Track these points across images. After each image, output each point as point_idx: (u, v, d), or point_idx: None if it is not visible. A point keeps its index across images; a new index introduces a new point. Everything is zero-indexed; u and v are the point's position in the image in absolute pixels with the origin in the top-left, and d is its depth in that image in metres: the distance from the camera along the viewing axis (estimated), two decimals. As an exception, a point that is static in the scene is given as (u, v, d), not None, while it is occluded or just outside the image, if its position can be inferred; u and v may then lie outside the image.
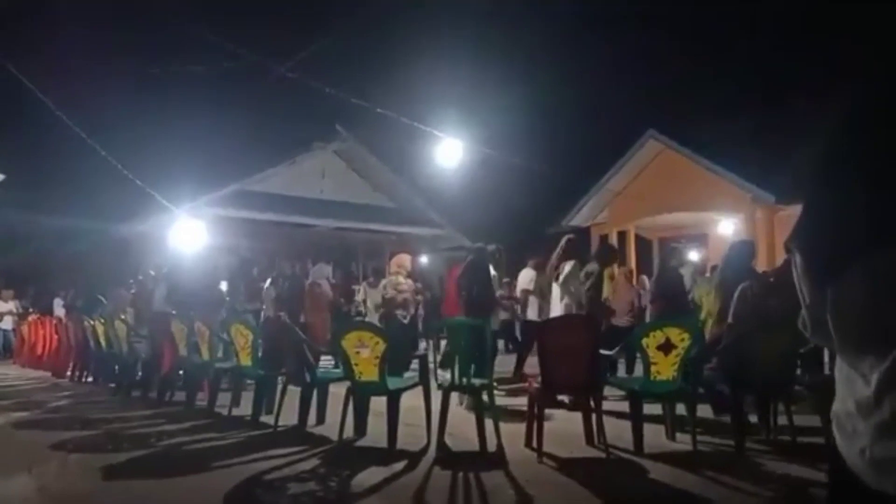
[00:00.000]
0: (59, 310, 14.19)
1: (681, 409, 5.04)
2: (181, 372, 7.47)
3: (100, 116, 12.64)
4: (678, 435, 4.97)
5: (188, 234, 10.18)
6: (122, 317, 8.74)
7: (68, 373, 10.21)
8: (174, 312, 7.98)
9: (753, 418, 5.08)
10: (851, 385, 1.13)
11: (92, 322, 9.26)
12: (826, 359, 5.62)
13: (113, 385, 8.56)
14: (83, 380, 9.68)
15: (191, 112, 16.53)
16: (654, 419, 5.03)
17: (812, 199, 1.18)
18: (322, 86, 8.23)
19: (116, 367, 8.64)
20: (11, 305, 15.69)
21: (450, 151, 9.66)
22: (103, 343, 8.85)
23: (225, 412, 6.33)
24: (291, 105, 16.88)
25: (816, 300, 1.15)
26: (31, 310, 15.18)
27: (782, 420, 4.94)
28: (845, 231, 1.08)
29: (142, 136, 15.28)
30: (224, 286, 10.33)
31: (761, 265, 11.62)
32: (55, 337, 11.39)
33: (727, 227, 14.03)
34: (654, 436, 4.88)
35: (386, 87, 20.12)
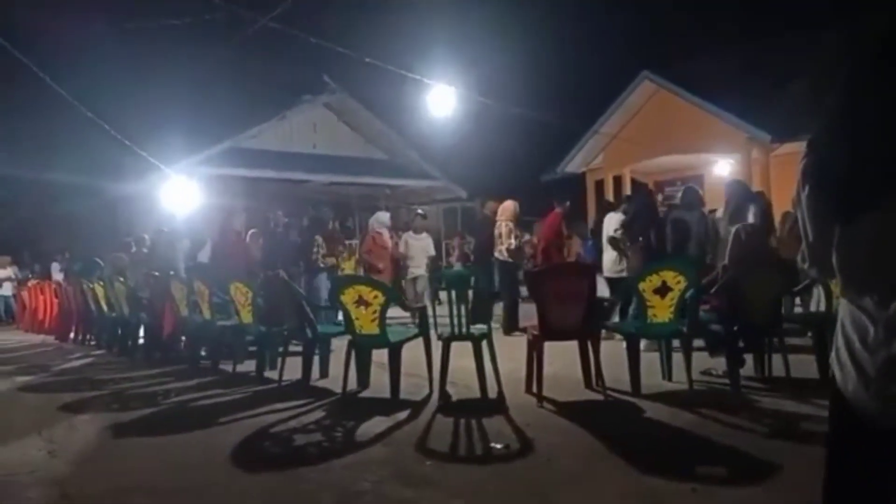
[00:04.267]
0: (56, 274, 14.21)
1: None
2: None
3: (86, 75, 12.39)
4: (674, 375, 5.07)
5: (181, 193, 10.11)
6: (121, 279, 8.75)
7: (71, 336, 10.30)
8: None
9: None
10: (856, 323, 1.14)
11: (91, 285, 9.29)
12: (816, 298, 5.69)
13: (116, 347, 8.64)
14: (87, 342, 9.77)
15: (177, 69, 16.14)
16: (651, 360, 5.11)
17: (830, 136, 1.16)
18: (308, 36, 8.03)
19: (119, 329, 8.71)
20: (10, 272, 15.70)
21: (441, 100, 9.48)
22: (104, 306, 8.90)
23: (229, 369, 6.41)
24: (278, 58, 16.50)
25: (824, 236, 1.15)
26: (30, 276, 15.21)
27: (777, 359, 5.03)
28: (864, 172, 1.07)
29: (130, 94, 14.98)
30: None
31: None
32: (55, 301, 11.45)
33: (723, 167, 13.94)
34: (651, 377, 4.98)
35: (374, 35, 19.67)
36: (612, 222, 7.24)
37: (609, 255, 7.22)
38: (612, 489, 3.08)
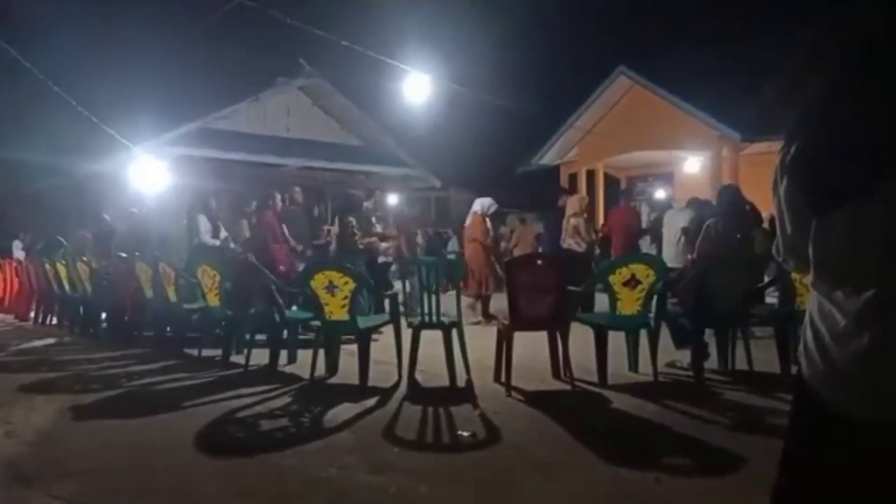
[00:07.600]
0: (18, 252, 13.82)
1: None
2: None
3: (54, 50, 12.01)
4: (640, 366, 5.14)
5: (150, 173, 9.90)
6: (84, 258, 8.53)
7: (32, 315, 10.05)
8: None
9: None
10: (826, 317, 1.15)
11: (53, 264, 9.05)
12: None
13: (78, 328, 8.45)
14: (47, 322, 9.53)
15: (148, 46, 15.74)
16: (618, 352, 5.17)
17: (810, 128, 1.17)
18: (284, 17, 7.88)
19: (81, 310, 8.51)
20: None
21: (418, 88, 9.41)
22: (66, 285, 8.69)
23: (195, 353, 6.32)
24: (253, 38, 16.21)
25: (801, 228, 1.16)
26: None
27: (740, 353, 5.13)
28: (843, 165, 1.08)
29: (98, 71, 14.56)
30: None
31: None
32: (16, 280, 11.15)
33: (693, 164, 14.15)
34: (618, 368, 5.04)
35: (351, 19, 19.42)
36: (677, 217, 8.00)
37: (673, 249, 7.80)
38: (577, 477, 3.11)
